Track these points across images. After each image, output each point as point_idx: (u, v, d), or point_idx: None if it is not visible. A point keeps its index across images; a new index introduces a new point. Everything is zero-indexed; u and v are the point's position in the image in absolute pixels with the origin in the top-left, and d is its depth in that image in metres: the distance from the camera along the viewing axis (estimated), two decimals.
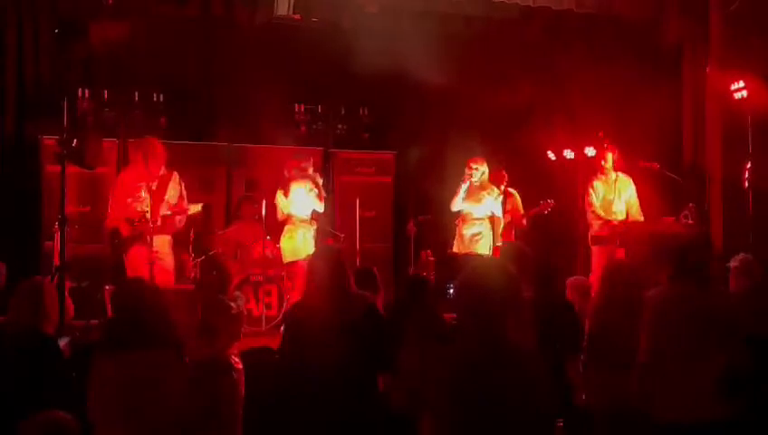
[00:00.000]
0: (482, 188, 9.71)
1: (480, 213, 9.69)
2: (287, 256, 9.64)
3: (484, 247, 9.63)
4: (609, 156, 9.55)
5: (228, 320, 6.19)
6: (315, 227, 9.82)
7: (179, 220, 8.68)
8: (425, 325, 5.66)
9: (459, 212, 9.80)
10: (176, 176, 8.71)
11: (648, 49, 10.58)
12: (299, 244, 9.62)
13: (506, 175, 10.43)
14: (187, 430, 4.22)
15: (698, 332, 4.65)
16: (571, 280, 7.02)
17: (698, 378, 4.60)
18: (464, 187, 9.66)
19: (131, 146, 9.05)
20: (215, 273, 7.33)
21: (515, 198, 10.38)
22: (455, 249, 9.81)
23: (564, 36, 10.83)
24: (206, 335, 5.79)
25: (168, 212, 8.53)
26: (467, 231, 9.69)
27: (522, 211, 10.34)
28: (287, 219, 9.77)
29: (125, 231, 8.34)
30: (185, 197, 8.79)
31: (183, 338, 4.54)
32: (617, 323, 5.26)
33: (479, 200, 9.68)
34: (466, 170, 9.69)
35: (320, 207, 9.71)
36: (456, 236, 9.82)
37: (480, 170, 9.68)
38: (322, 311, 4.82)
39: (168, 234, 8.60)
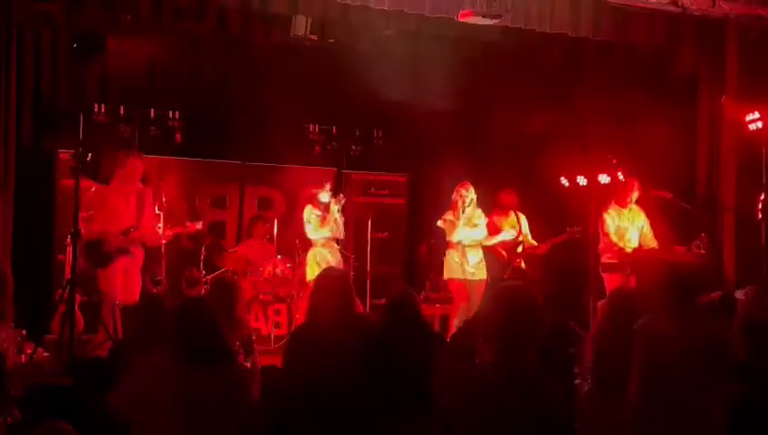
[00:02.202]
0: (472, 213, 9.56)
1: (476, 239, 9.57)
2: None
3: (485, 273, 9.55)
4: (635, 195, 9.57)
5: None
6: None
7: (159, 236, 8.77)
8: None
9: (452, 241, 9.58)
10: (150, 192, 8.78)
11: (663, 77, 10.57)
12: None
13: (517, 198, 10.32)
14: None
15: (688, 363, 4.62)
16: (601, 303, 7.01)
17: (690, 409, 4.58)
18: (463, 216, 9.46)
19: (111, 159, 9.05)
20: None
21: (524, 223, 10.27)
22: (446, 276, 9.61)
23: (580, 63, 10.83)
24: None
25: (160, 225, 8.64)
26: (472, 258, 9.52)
27: (530, 236, 10.21)
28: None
29: (111, 243, 8.35)
30: (158, 213, 8.86)
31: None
32: (618, 352, 5.22)
33: (475, 226, 9.55)
34: (457, 197, 9.50)
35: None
36: (450, 262, 9.56)
37: (469, 196, 9.50)
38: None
39: (152, 245, 8.72)
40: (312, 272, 9.54)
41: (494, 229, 9.95)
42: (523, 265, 10.05)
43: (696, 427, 4.56)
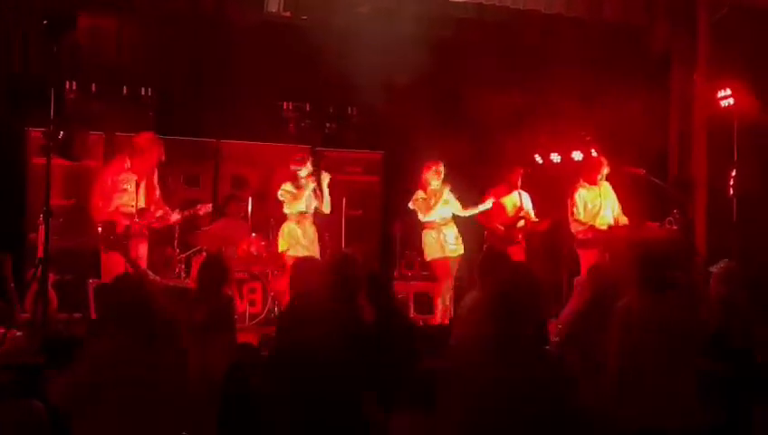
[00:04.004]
0: (443, 189, 9.56)
1: (449, 215, 9.60)
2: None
3: (461, 248, 9.58)
4: (605, 171, 9.57)
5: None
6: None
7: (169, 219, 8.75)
8: None
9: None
10: (156, 172, 8.72)
11: (636, 55, 10.62)
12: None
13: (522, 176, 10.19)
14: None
15: (666, 340, 4.68)
16: (577, 279, 7.08)
17: (670, 385, 4.63)
18: (443, 191, 9.50)
19: (128, 138, 8.97)
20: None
21: (526, 200, 10.18)
22: (428, 257, 9.60)
23: (554, 40, 10.86)
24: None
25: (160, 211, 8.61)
26: (450, 233, 9.55)
27: (532, 213, 10.14)
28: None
29: (120, 226, 8.30)
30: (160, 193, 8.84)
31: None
32: (596, 326, 5.27)
33: (447, 202, 9.57)
34: (429, 174, 9.51)
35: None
36: (430, 242, 9.58)
37: (442, 172, 9.51)
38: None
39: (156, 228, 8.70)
40: (283, 244, 9.43)
41: (494, 205, 9.93)
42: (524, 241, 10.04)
43: (673, 400, 4.62)
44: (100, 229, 8.27)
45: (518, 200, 10.05)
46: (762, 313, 5.71)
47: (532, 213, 10.13)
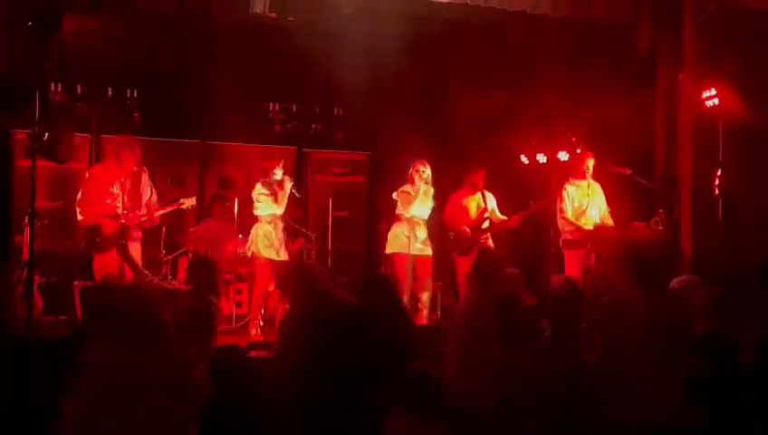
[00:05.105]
0: (426, 190, 9.57)
1: (426, 215, 9.59)
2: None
3: (429, 250, 9.56)
4: (591, 162, 9.56)
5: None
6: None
7: (155, 217, 8.76)
8: None
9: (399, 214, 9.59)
10: (146, 172, 8.73)
11: (623, 55, 10.64)
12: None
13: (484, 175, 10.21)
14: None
15: (655, 339, 4.68)
16: (555, 277, 7.07)
17: (658, 384, 4.64)
18: (420, 191, 9.48)
19: (107, 141, 8.99)
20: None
21: (490, 200, 10.21)
22: (389, 250, 9.57)
23: (540, 40, 10.87)
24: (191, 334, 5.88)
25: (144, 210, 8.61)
26: (420, 233, 9.49)
27: (497, 211, 10.11)
28: None
29: (107, 229, 8.31)
30: (154, 193, 8.85)
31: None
32: None
33: (426, 202, 9.57)
34: (414, 172, 9.49)
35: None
36: (395, 235, 9.54)
37: (426, 173, 9.52)
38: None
39: (146, 228, 8.77)
40: (261, 247, 9.21)
41: (458, 208, 9.91)
42: (490, 241, 10.01)
43: (655, 398, 4.62)
44: (91, 232, 8.29)
45: (482, 201, 10.02)
46: (748, 312, 5.73)
47: (497, 212, 10.06)
